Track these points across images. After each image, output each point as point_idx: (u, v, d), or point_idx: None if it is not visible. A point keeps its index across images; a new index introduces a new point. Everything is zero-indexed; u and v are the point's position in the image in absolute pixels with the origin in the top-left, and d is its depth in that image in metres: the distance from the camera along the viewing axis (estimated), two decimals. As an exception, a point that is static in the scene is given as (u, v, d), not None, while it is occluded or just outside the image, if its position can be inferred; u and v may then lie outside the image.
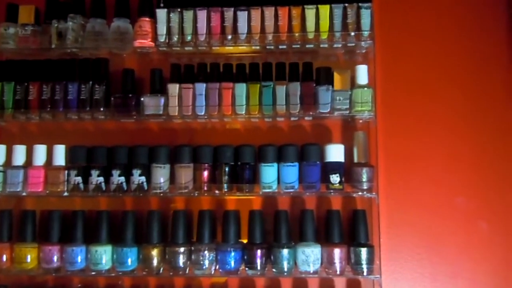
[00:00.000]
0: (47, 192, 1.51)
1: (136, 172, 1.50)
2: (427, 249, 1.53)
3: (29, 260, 1.47)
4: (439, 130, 1.57)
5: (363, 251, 1.43)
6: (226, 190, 1.49)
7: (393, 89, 1.58)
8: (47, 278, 1.55)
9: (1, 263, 1.48)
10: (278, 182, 1.48)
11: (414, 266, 1.52)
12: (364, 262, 1.42)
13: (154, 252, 1.46)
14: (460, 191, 1.55)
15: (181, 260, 1.45)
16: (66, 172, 1.51)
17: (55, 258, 1.47)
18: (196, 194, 1.50)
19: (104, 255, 1.46)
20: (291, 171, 1.47)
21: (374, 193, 1.46)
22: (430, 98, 1.58)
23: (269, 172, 1.47)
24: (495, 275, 1.51)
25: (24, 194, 1.52)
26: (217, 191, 1.49)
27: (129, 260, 1.46)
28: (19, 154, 1.54)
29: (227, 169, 1.49)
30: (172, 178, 1.50)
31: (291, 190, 1.47)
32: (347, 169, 1.48)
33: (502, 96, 1.57)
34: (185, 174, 1.49)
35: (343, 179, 1.46)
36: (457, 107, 1.58)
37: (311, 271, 1.43)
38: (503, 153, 1.56)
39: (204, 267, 1.45)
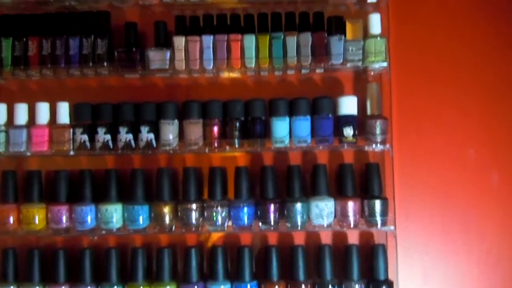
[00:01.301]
0: (53, 151, 1.46)
1: (144, 129, 1.45)
2: (439, 201, 1.52)
3: (37, 221, 1.44)
4: (452, 82, 1.54)
5: (377, 203, 1.42)
6: (237, 146, 1.46)
7: (406, 39, 1.53)
8: (55, 239, 1.53)
9: (8, 225, 1.45)
10: (290, 137, 1.45)
11: (426, 219, 1.52)
12: (378, 214, 1.42)
13: (166, 210, 1.43)
14: (472, 144, 1.54)
15: (194, 217, 1.43)
16: (71, 130, 1.46)
17: (64, 218, 1.44)
18: (207, 151, 1.46)
19: (115, 213, 1.43)
20: (304, 125, 1.44)
21: (388, 145, 1.44)
22: (444, 49, 1.54)
23: (281, 127, 1.44)
24: (506, 227, 1.52)
25: (28, 154, 1.47)
26: (228, 147, 1.46)
27: (141, 218, 1.43)
28: (21, 113, 1.48)
29: (237, 124, 1.46)
30: (181, 134, 1.47)
31: (304, 144, 1.44)
32: (360, 122, 1.46)
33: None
34: (195, 130, 1.46)
35: (356, 132, 1.43)
36: (469, 58, 1.55)
37: (325, 225, 1.43)
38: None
39: (218, 223, 1.43)
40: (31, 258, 1.45)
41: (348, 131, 1.42)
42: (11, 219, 1.45)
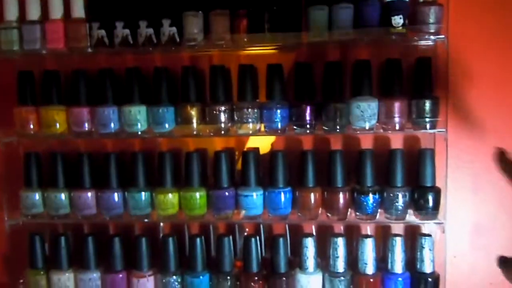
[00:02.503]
0: (70, 47, 1.34)
1: (166, 22, 1.31)
2: (499, 101, 1.34)
3: (58, 124, 1.37)
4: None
5: (427, 103, 1.26)
6: (268, 40, 1.30)
7: None
8: (78, 144, 1.46)
9: (28, 128, 1.38)
10: (330, 29, 1.28)
11: (482, 121, 1.36)
12: (427, 115, 1.27)
13: (193, 112, 1.32)
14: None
15: (223, 119, 1.32)
16: (87, 25, 1.33)
17: (86, 121, 1.36)
18: (235, 46, 1.32)
19: (139, 115, 1.33)
20: (346, 13, 1.26)
21: (443, 36, 1.26)
22: None
23: (319, 17, 1.27)
24: None
25: (44, 52, 1.36)
26: (258, 44, 1.31)
27: (166, 121, 1.33)
28: (33, 7, 1.35)
29: (269, 15, 1.29)
30: (207, 29, 1.32)
31: (346, 38, 1.27)
32: (410, 11, 1.26)
33: None
34: (221, 23, 1.30)
35: (406, 21, 1.25)
36: None
37: (367, 128, 1.29)
38: None
39: (249, 126, 1.32)
40: (54, 162, 1.39)
41: (398, 20, 1.24)
42: (31, 123, 1.38)
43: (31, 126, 1.38)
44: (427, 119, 1.27)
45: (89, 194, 1.38)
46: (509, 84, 1.34)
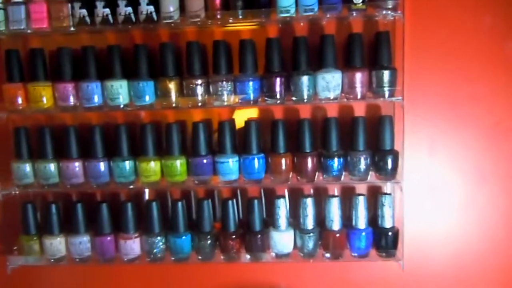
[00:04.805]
0: (53, 27, 1.42)
1: (144, 1, 1.40)
2: (450, 72, 1.48)
3: (44, 99, 1.45)
4: None
5: (386, 74, 1.38)
6: (240, 17, 1.40)
7: None
8: (65, 117, 1.55)
9: (16, 104, 1.46)
10: (296, 6, 1.38)
11: (435, 90, 1.48)
12: (386, 85, 1.39)
13: (172, 85, 1.43)
14: (488, 11, 1.45)
15: (199, 92, 1.43)
16: (69, 5, 1.41)
17: (71, 96, 1.45)
18: (209, 23, 1.42)
19: (120, 90, 1.43)
20: (310, -8, 1.37)
21: (399, 12, 1.37)
22: None
23: (286, -5, 1.37)
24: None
25: (29, 31, 1.44)
26: (231, 19, 1.41)
27: (147, 94, 1.43)
28: (17, -12, 1.44)
29: (241, -7, 1.39)
30: (182, 7, 1.41)
31: (311, 13, 1.38)
32: (370, -12, 1.38)
33: None
34: (196, 1, 1.40)
35: (366, -2, 1.36)
36: None
37: (331, 97, 1.41)
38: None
39: (223, 98, 1.43)
40: (42, 135, 1.49)
41: (358, -3, 1.35)
42: (19, 99, 1.46)
43: (19, 102, 1.47)
44: (386, 89, 1.39)
45: (76, 164, 1.48)
46: (460, 55, 1.46)
